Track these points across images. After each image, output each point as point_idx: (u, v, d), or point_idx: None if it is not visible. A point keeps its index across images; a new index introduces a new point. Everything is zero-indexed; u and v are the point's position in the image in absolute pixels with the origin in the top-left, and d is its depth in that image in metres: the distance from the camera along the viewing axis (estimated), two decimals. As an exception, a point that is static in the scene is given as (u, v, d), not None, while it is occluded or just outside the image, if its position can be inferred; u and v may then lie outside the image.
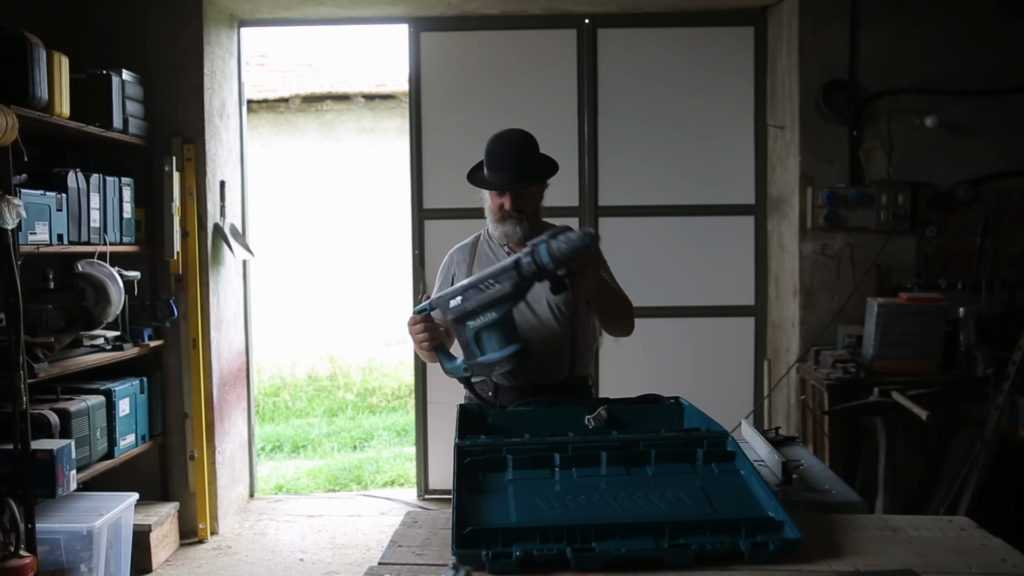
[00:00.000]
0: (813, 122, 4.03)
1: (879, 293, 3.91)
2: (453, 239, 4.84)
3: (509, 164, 2.31)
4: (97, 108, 3.54)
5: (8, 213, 2.79)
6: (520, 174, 2.31)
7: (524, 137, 2.36)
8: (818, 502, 2.07)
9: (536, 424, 2.11)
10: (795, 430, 3.99)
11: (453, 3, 4.30)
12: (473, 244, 2.56)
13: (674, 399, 2.29)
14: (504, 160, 2.32)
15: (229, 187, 4.33)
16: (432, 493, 4.69)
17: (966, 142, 3.99)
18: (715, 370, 4.55)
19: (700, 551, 1.53)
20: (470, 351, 2.09)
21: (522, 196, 2.34)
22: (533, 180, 2.35)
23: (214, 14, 4.19)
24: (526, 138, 2.36)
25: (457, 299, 2.05)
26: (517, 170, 2.31)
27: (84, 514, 3.31)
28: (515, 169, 2.31)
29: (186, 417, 4.09)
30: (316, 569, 3.79)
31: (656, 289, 4.52)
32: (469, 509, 1.67)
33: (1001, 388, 3.25)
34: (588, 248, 1.93)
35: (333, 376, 7.71)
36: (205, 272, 4.11)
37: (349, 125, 7.85)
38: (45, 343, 3.22)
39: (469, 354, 2.10)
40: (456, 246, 2.60)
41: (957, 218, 3.98)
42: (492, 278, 2.01)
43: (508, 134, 2.37)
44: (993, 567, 1.55)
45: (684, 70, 4.51)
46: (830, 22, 4.00)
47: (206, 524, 4.09)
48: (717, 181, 4.53)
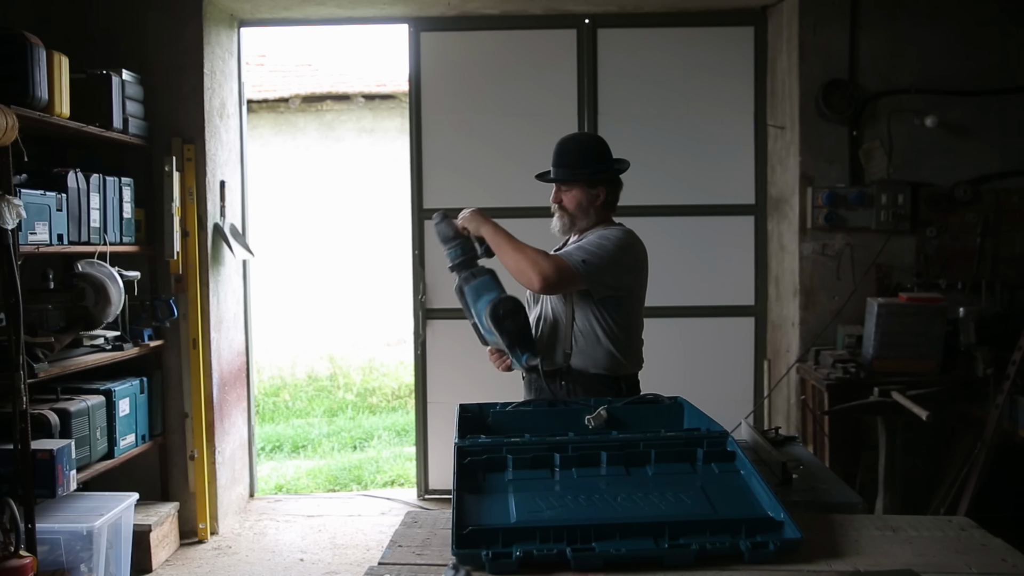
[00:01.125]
0: (813, 122, 4.03)
1: (879, 293, 3.91)
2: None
3: (556, 160, 2.54)
4: (97, 108, 3.54)
5: (8, 213, 2.79)
6: (555, 170, 2.54)
7: (584, 137, 2.60)
8: (818, 502, 2.07)
9: (536, 424, 2.11)
10: (795, 430, 3.99)
11: (453, 3, 4.30)
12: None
13: (674, 399, 2.29)
14: (555, 154, 2.55)
15: (229, 187, 4.33)
16: (432, 493, 4.69)
17: (966, 142, 3.99)
18: (715, 370, 4.54)
19: (700, 551, 1.53)
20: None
21: (563, 192, 2.54)
22: (557, 177, 2.55)
23: (214, 14, 4.19)
24: (586, 139, 2.59)
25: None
26: (557, 166, 2.54)
27: (84, 514, 3.30)
28: (565, 165, 2.53)
29: (186, 417, 4.08)
30: (316, 569, 3.79)
31: (656, 289, 4.44)
32: (469, 509, 1.67)
33: (1001, 388, 3.25)
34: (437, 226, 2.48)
35: (333, 376, 7.70)
36: (205, 272, 4.11)
37: (349, 125, 7.85)
38: (45, 343, 3.22)
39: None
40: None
41: (957, 218, 3.98)
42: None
43: (576, 134, 2.60)
44: (993, 567, 1.55)
45: (684, 70, 4.51)
46: (830, 22, 4.00)
47: (206, 524, 4.09)
48: (717, 181, 4.53)
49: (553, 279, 2.36)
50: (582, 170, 2.52)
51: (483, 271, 2.46)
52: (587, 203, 2.53)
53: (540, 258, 2.37)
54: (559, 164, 2.54)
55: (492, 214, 2.76)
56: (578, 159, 2.52)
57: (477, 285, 2.43)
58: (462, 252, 2.46)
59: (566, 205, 2.54)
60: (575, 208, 2.54)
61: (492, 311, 2.36)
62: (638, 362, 2.62)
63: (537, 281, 2.35)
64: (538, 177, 2.63)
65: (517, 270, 2.39)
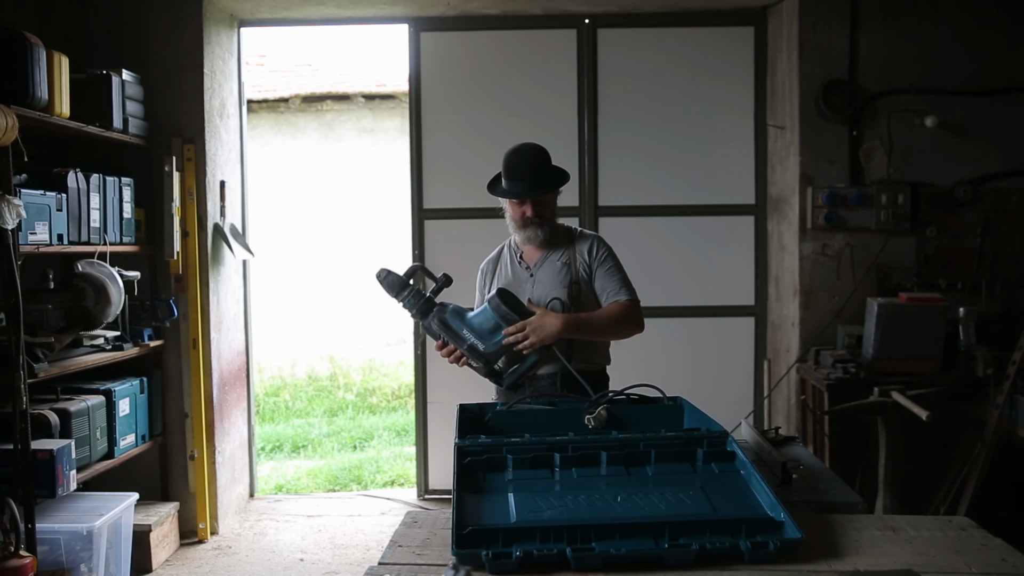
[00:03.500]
0: (813, 122, 4.03)
1: (879, 293, 3.91)
2: (453, 239, 4.85)
3: (527, 174, 2.58)
4: (97, 108, 3.54)
5: (8, 213, 2.79)
6: (538, 183, 2.58)
7: (539, 150, 2.62)
8: (818, 502, 2.07)
9: (536, 424, 2.11)
10: (795, 430, 3.99)
11: (453, 3, 4.30)
12: (497, 257, 2.79)
13: (674, 399, 2.29)
14: (522, 171, 2.58)
15: (229, 187, 4.33)
16: (432, 493, 4.69)
17: (966, 142, 3.99)
18: (715, 370, 4.54)
19: (700, 551, 1.53)
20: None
21: (541, 203, 2.60)
22: (550, 188, 2.62)
23: (214, 14, 4.19)
24: (540, 151, 2.63)
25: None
26: (535, 179, 2.58)
27: (84, 514, 3.31)
28: (533, 179, 2.58)
29: (186, 417, 4.09)
30: (316, 569, 3.79)
31: (657, 289, 4.51)
32: (469, 509, 1.67)
33: (1001, 388, 3.25)
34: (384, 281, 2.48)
35: (333, 376, 7.70)
36: (205, 272, 4.11)
37: (349, 125, 7.85)
38: (45, 343, 3.22)
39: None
40: (485, 259, 2.83)
41: (957, 218, 3.98)
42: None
43: (524, 148, 2.62)
44: (993, 567, 1.56)
45: (684, 70, 4.51)
46: (830, 22, 4.00)
47: (206, 524, 4.09)
48: (717, 181, 4.53)
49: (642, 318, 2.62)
50: (560, 175, 2.67)
51: (445, 304, 2.48)
52: (556, 206, 2.70)
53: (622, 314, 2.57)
54: (538, 176, 2.58)
55: (492, 214, 2.78)
56: (549, 168, 2.63)
57: (453, 310, 2.46)
58: (418, 297, 2.46)
59: (546, 215, 2.62)
60: (552, 214, 2.67)
61: (503, 298, 2.43)
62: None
63: (637, 328, 2.60)
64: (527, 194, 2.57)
65: (621, 335, 2.63)
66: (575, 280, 2.61)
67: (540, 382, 2.60)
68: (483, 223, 4.01)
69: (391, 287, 2.48)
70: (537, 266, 2.67)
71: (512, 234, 2.72)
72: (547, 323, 2.41)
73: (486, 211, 4.35)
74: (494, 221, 2.85)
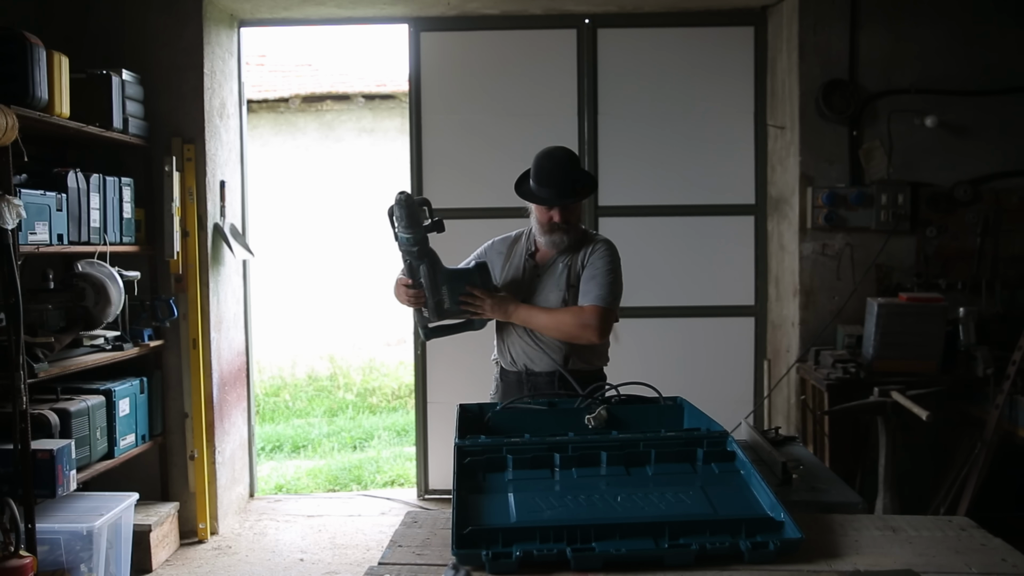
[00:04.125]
0: (813, 122, 4.03)
1: (879, 293, 3.91)
2: (453, 239, 4.83)
3: (559, 180, 2.56)
4: (97, 108, 3.54)
5: (8, 213, 2.79)
6: (569, 189, 2.58)
7: (569, 155, 2.62)
8: (818, 502, 2.07)
9: (536, 424, 2.11)
10: (795, 430, 3.99)
11: (453, 3, 4.30)
12: (513, 242, 2.80)
13: (674, 399, 2.29)
14: (554, 176, 2.56)
15: (229, 187, 4.33)
16: (432, 493, 4.69)
17: (966, 142, 3.99)
18: (715, 370, 4.54)
19: (700, 551, 1.53)
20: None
21: (568, 209, 2.61)
22: (581, 196, 2.65)
23: (214, 14, 4.19)
24: (571, 156, 2.63)
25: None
26: (566, 186, 2.57)
27: (84, 514, 3.30)
28: (564, 185, 2.57)
29: (186, 417, 4.09)
30: (316, 569, 3.79)
31: (657, 289, 4.52)
32: (469, 509, 1.67)
33: (1001, 388, 3.25)
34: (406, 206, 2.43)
35: (333, 376, 7.70)
36: (205, 272, 4.11)
37: (349, 125, 7.85)
38: (45, 343, 3.21)
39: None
40: (500, 236, 2.84)
41: (957, 218, 3.98)
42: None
43: (556, 152, 2.60)
44: (993, 567, 1.56)
45: (684, 70, 4.51)
46: (830, 22, 4.00)
47: (206, 524, 4.09)
48: (717, 181, 4.53)
49: (601, 326, 2.54)
50: (589, 182, 2.70)
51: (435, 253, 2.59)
52: (581, 212, 2.73)
53: (575, 318, 2.54)
54: (568, 182, 2.57)
55: (492, 214, 2.79)
56: (579, 172, 2.65)
57: (440, 262, 2.60)
58: (425, 240, 2.52)
59: (572, 220, 2.64)
60: (577, 219, 2.70)
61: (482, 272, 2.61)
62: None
63: (592, 334, 2.53)
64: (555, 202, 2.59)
65: (565, 335, 2.56)
66: (572, 284, 2.62)
67: (539, 380, 2.60)
68: (483, 223, 4.01)
69: (409, 216, 2.43)
70: (546, 266, 2.69)
71: (537, 236, 2.71)
72: (503, 304, 2.60)
73: (486, 211, 4.39)
74: (494, 221, 2.86)
